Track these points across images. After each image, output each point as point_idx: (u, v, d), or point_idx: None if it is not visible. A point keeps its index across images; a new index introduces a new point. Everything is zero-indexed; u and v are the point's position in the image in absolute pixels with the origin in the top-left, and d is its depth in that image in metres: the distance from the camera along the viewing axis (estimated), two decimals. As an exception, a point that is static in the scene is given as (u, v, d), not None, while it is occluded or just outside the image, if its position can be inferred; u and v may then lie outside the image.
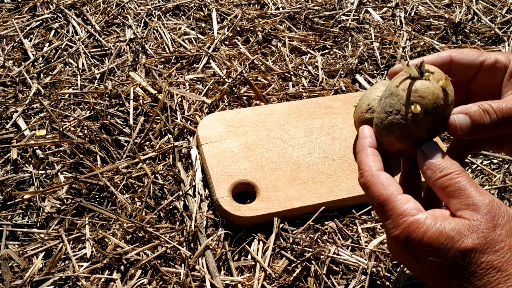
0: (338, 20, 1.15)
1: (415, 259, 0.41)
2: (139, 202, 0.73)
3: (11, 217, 0.72)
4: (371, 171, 0.45)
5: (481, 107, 0.45)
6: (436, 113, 0.45)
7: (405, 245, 0.41)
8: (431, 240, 0.40)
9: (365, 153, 0.47)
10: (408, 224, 0.41)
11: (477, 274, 0.38)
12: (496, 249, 0.39)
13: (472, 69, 0.50)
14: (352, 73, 1.01)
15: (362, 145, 0.48)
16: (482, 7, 1.24)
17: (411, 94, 0.45)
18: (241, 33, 1.09)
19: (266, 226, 0.71)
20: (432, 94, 0.45)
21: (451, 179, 0.42)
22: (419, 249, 0.40)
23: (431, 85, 0.45)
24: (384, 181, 0.44)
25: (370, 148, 0.47)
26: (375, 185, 0.44)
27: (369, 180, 0.45)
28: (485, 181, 0.81)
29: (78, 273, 0.64)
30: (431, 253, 0.40)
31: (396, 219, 0.42)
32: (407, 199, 0.43)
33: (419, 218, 0.41)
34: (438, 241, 0.39)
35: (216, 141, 0.79)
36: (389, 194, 0.43)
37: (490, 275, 0.38)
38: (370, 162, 0.46)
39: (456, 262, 0.39)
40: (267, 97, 0.92)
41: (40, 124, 0.84)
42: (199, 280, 0.65)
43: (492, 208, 0.40)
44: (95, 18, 1.09)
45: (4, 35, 1.03)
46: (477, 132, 0.45)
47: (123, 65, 0.97)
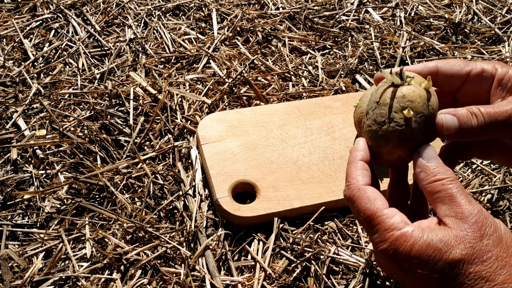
0: (338, 20, 1.15)
1: (403, 272, 0.41)
2: (139, 202, 0.73)
3: (11, 217, 0.72)
4: (357, 185, 0.45)
5: (469, 110, 0.46)
6: (427, 114, 0.45)
7: (393, 259, 0.41)
8: (419, 253, 0.40)
9: (355, 166, 0.47)
10: (395, 238, 0.41)
11: (466, 285, 0.39)
12: (484, 259, 0.39)
13: (458, 79, 0.50)
14: (352, 73, 1.01)
15: (353, 157, 0.48)
16: (482, 7, 1.24)
17: (400, 100, 0.46)
18: (241, 33, 1.09)
19: (266, 226, 0.71)
20: (419, 96, 0.45)
21: (444, 184, 0.43)
22: (407, 262, 0.40)
23: (416, 88, 0.46)
24: (370, 195, 0.44)
25: (361, 161, 0.47)
26: (361, 199, 0.44)
27: (355, 194, 0.45)
28: (485, 181, 0.81)
29: (78, 273, 0.64)
30: (420, 266, 0.40)
31: (383, 233, 0.42)
32: (393, 212, 0.43)
33: (406, 231, 0.41)
34: (426, 254, 0.40)
35: (216, 141, 0.79)
36: (376, 208, 0.43)
37: (479, 285, 0.38)
38: (358, 176, 0.46)
39: (444, 274, 0.39)
40: (267, 97, 0.92)
41: (40, 124, 0.84)
42: (199, 280, 0.65)
43: (479, 218, 0.40)
44: (95, 18, 1.09)
45: (4, 35, 1.03)
46: (464, 135, 0.45)
47: (123, 65, 0.97)
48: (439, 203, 0.43)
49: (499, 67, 0.49)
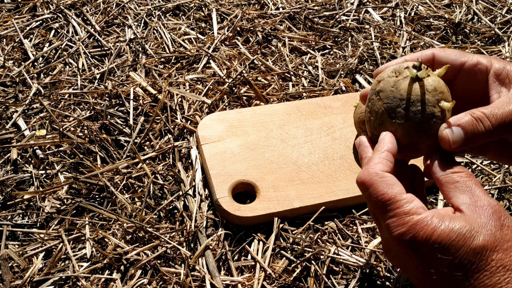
0: (338, 20, 1.15)
1: (419, 258, 0.40)
2: (139, 202, 0.73)
3: (11, 217, 0.72)
4: (376, 170, 0.44)
5: (473, 115, 0.45)
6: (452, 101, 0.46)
7: (411, 243, 0.40)
8: (441, 238, 0.39)
9: (379, 154, 0.45)
10: (415, 222, 0.40)
11: (487, 272, 0.38)
12: (505, 248, 0.39)
13: (453, 69, 0.50)
14: (352, 73, 1.01)
15: (381, 147, 0.46)
16: (482, 7, 1.24)
17: (433, 93, 0.45)
18: (241, 33, 1.09)
19: (266, 226, 0.71)
20: (444, 86, 0.46)
21: (462, 177, 0.43)
22: (427, 247, 0.40)
23: (437, 78, 0.46)
24: (389, 180, 0.43)
25: (387, 151, 0.46)
26: (379, 183, 0.43)
27: (372, 178, 0.43)
28: (485, 181, 0.81)
29: (78, 273, 0.64)
30: (440, 251, 0.39)
31: (401, 217, 0.41)
32: (412, 198, 0.42)
33: (426, 216, 0.40)
34: (449, 238, 0.39)
35: (216, 141, 0.79)
36: (395, 192, 0.42)
37: (500, 273, 0.38)
38: (379, 164, 0.44)
39: (468, 260, 0.39)
40: (267, 97, 0.92)
41: (40, 124, 0.84)
42: (199, 280, 0.65)
43: (498, 209, 0.41)
44: (95, 18, 1.09)
45: (4, 35, 1.03)
46: (472, 142, 0.45)
47: (123, 65, 0.97)
48: (457, 192, 0.42)
49: (495, 62, 0.49)
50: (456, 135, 0.44)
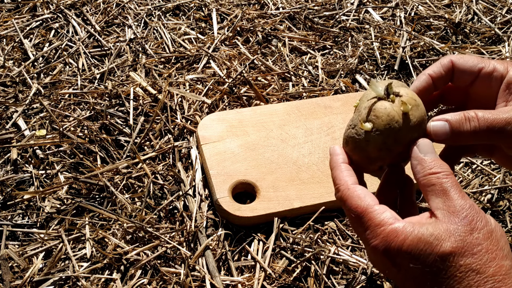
0: (338, 20, 1.15)
1: (396, 267, 0.41)
2: (139, 202, 0.73)
3: (11, 217, 0.72)
4: (347, 185, 0.46)
5: (465, 114, 0.45)
6: (388, 134, 0.45)
7: (386, 254, 0.41)
8: (411, 247, 0.40)
9: (339, 169, 0.48)
10: (387, 233, 0.41)
11: (457, 277, 0.39)
12: (474, 252, 0.39)
13: (470, 76, 0.50)
14: (352, 73, 1.01)
15: (335, 162, 0.49)
16: (482, 7, 1.24)
17: (369, 112, 0.46)
18: (241, 33, 1.09)
19: (266, 226, 0.71)
20: (387, 115, 0.45)
21: (439, 178, 0.43)
22: (399, 257, 0.41)
23: (390, 106, 0.46)
24: (360, 193, 0.45)
25: (343, 164, 0.48)
26: (352, 198, 0.44)
27: (345, 194, 0.45)
28: (485, 181, 0.81)
29: (78, 273, 0.64)
30: (412, 260, 0.40)
31: (374, 229, 0.42)
32: (383, 209, 0.43)
33: (397, 226, 0.41)
34: (418, 248, 0.40)
35: (216, 141, 0.79)
36: (366, 205, 0.43)
37: (470, 277, 0.39)
38: (345, 177, 0.47)
39: (436, 267, 0.39)
40: (267, 97, 0.92)
41: (40, 124, 0.84)
42: (199, 280, 0.65)
43: (470, 213, 0.41)
44: (95, 18, 1.09)
45: (4, 35, 1.03)
46: (456, 139, 0.46)
47: (123, 65, 0.97)
48: (432, 196, 0.43)
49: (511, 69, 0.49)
50: (439, 129, 0.46)
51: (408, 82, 1.01)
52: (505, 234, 0.42)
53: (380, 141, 0.46)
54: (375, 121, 0.46)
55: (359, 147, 0.47)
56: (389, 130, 0.45)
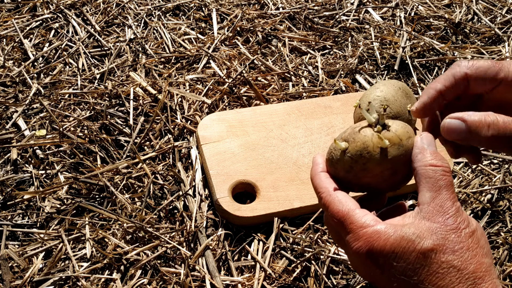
0: (338, 20, 1.15)
1: (379, 268, 0.42)
2: (139, 202, 0.73)
3: (11, 217, 0.72)
4: (328, 191, 0.46)
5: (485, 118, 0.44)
6: (357, 160, 0.45)
7: (368, 256, 0.42)
8: (394, 246, 0.40)
9: (319, 177, 0.49)
10: (369, 235, 0.42)
11: (439, 273, 0.39)
12: (455, 249, 0.40)
13: (491, 84, 0.49)
14: (352, 73, 1.01)
15: (314, 171, 0.50)
16: (482, 7, 1.24)
17: (352, 132, 0.47)
18: (241, 33, 1.09)
19: (266, 226, 0.71)
20: (362, 143, 0.45)
21: (436, 172, 0.43)
22: (383, 257, 0.41)
23: (369, 136, 0.46)
24: (341, 198, 0.45)
25: (322, 172, 0.49)
26: (333, 203, 0.45)
27: (327, 200, 0.46)
28: (485, 181, 0.81)
29: (78, 273, 0.64)
30: (395, 259, 0.41)
31: (356, 231, 0.42)
32: (364, 212, 0.44)
33: (379, 228, 0.42)
34: (400, 246, 0.40)
35: (216, 141, 0.79)
36: (347, 209, 0.44)
37: (452, 274, 0.39)
38: (326, 184, 0.47)
39: (419, 264, 0.40)
40: (267, 97, 0.92)
41: (40, 124, 0.84)
42: (199, 280, 0.65)
43: (456, 214, 0.42)
44: (95, 18, 1.09)
45: (4, 35, 1.03)
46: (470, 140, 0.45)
47: (123, 65, 0.97)
48: (424, 188, 0.43)
49: None
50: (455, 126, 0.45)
51: (408, 82, 1.01)
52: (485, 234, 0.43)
53: (348, 164, 0.46)
54: (351, 143, 0.46)
55: (331, 162, 0.48)
56: (359, 157, 0.45)
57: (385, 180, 0.46)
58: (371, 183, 0.47)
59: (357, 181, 0.47)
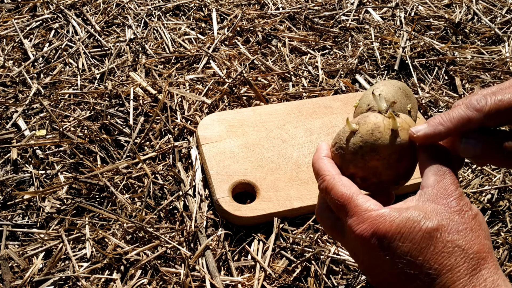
0: (338, 20, 1.15)
1: (383, 251, 0.42)
2: (139, 202, 0.73)
3: (11, 217, 0.72)
4: (332, 175, 0.47)
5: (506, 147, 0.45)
6: (367, 141, 0.46)
7: (373, 237, 0.42)
8: (400, 227, 0.41)
9: (323, 161, 0.49)
10: (374, 217, 0.42)
11: (445, 253, 0.40)
12: (460, 230, 0.41)
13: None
14: (352, 73, 1.01)
15: (318, 155, 0.50)
16: (482, 7, 1.24)
17: (362, 116, 0.48)
18: (241, 33, 1.09)
19: (266, 226, 0.71)
20: (374, 124, 0.46)
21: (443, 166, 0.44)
22: (388, 238, 0.41)
23: (381, 118, 0.47)
24: (345, 182, 0.46)
25: (326, 157, 0.49)
26: (337, 186, 0.46)
27: (331, 183, 0.46)
28: (485, 181, 0.81)
29: (78, 273, 0.64)
30: (401, 239, 0.41)
31: (361, 214, 0.43)
32: (368, 198, 0.44)
33: (384, 211, 0.42)
34: (406, 227, 0.41)
35: (216, 141, 0.79)
36: (352, 192, 0.45)
37: (457, 253, 0.40)
38: (330, 168, 0.48)
39: (425, 243, 0.40)
40: (267, 97, 0.92)
41: (40, 124, 0.84)
42: (199, 280, 0.65)
43: (460, 197, 0.43)
44: (95, 18, 1.09)
45: (4, 35, 1.03)
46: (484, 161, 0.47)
47: (123, 65, 0.97)
48: (430, 172, 0.44)
49: None
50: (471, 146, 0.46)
51: (408, 82, 1.01)
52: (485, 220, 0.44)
53: (358, 144, 0.46)
54: (361, 125, 0.47)
55: (339, 144, 0.48)
56: (370, 136, 0.46)
57: (390, 166, 0.47)
58: (377, 167, 0.47)
59: (363, 164, 0.47)
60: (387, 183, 0.48)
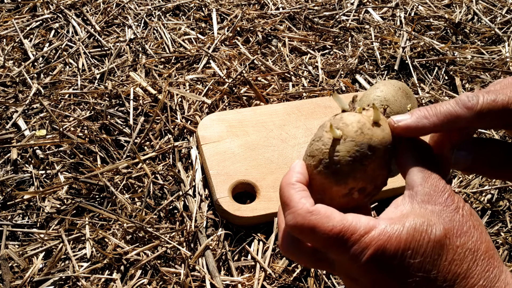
0: (338, 20, 1.15)
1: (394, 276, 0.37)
2: (139, 202, 0.73)
3: (11, 217, 0.72)
4: (307, 209, 0.38)
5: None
6: (361, 141, 0.39)
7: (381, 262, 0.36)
8: (408, 241, 0.36)
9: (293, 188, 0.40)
10: (378, 238, 0.36)
11: (457, 261, 0.37)
12: (465, 230, 0.38)
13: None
14: (352, 73, 1.01)
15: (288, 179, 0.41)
16: (482, 7, 1.24)
17: (336, 120, 0.40)
18: (241, 33, 1.09)
19: (266, 226, 0.71)
20: (357, 122, 0.39)
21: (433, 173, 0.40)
22: (398, 258, 0.36)
23: (359, 115, 0.40)
24: (325, 212, 0.38)
25: (298, 183, 0.41)
26: (321, 222, 0.37)
27: (309, 219, 0.38)
28: (485, 181, 0.81)
29: (78, 273, 0.64)
30: (412, 256, 0.36)
31: (362, 240, 0.37)
32: (355, 216, 0.38)
33: (384, 227, 0.37)
34: (414, 240, 0.37)
35: (216, 141, 0.79)
36: (339, 220, 0.37)
37: (468, 258, 0.37)
38: (302, 199, 0.39)
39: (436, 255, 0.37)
40: (267, 97, 0.92)
41: (40, 124, 0.84)
42: (199, 280, 0.65)
43: (452, 193, 0.39)
44: (95, 18, 1.09)
45: (4, 35, 1.03)
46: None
47: (123, 65, 0.97)
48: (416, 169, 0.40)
49: None
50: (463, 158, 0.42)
51: (408, 82, 1.01)
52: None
53: (353, 150, 0.39)
54: (344, 128, 0.39)
55: (327, 159, 0.39)
56: (362, 137, 0.39)
57: (385, 164, 0.40)
58: (375, 170, 0.40)
59: (363, 172, 0.39)
60: (380, 187, 0.42)
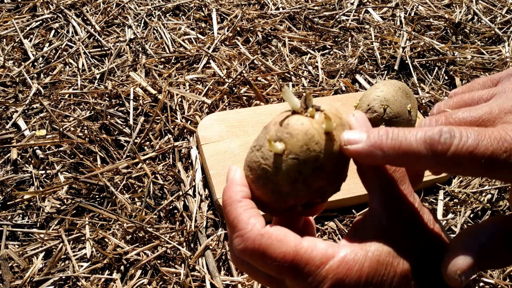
0: (338, 20, 1.15)
1: None
2: (139, 202, 0.73)
3: (11, 217, 0.72)
4: (257, 231, 0.33)
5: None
6: (305, 160, 0.33)
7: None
8: (371, 274, 0.32)
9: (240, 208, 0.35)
10: (335, 269, 0.32)
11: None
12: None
13: None
14: (352, 73, 1.00)
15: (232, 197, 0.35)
16: (482, 7, 1.24)
17: (281, 129, 0.34)
18: (241, 33, 1.09)
19: (266, 226, 0.71)
20: (304, 133, 0.33)
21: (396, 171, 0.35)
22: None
23: (308, 122, 0.33)
24: (278, 235, 0.33)
25: (245, 200, 0.35)
26: (272, 245, 0.33)
27: (260, 244, 0.33)
28: (485, 181, 0.81)
29: (78, 273, 0.64)
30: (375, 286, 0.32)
31: (318, 272, 0.32)
32: (313, 242, 0.33)
33: (344, 256, 0.32)
34: (379, 273, 0.32)
35: (216, 141, 0.79)
36: (293, 246, 0.32)
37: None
38: (251, 219, 0.34)
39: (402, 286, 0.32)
40: (267, 97, 0.92)
41: (40, 124, 0.84)
42: (199, 280, 0.65)
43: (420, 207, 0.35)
44: (95, 18, 1.09)
45: (4, 35, 1.03)
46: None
47: (123, 65, 0.97)
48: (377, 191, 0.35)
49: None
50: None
51: (408, 82, 1.01)
52: None
53: (294, 169, 0.33)
54: (288, 141, 0.33)
55: (265, 177, 0.34)
56: (307, 154, 0.33)
57: (337, 178, 0.35)
58: (323, 187, 0.34)
59: (306, 191, 0.34)
60: (329, 196, 0.36)
